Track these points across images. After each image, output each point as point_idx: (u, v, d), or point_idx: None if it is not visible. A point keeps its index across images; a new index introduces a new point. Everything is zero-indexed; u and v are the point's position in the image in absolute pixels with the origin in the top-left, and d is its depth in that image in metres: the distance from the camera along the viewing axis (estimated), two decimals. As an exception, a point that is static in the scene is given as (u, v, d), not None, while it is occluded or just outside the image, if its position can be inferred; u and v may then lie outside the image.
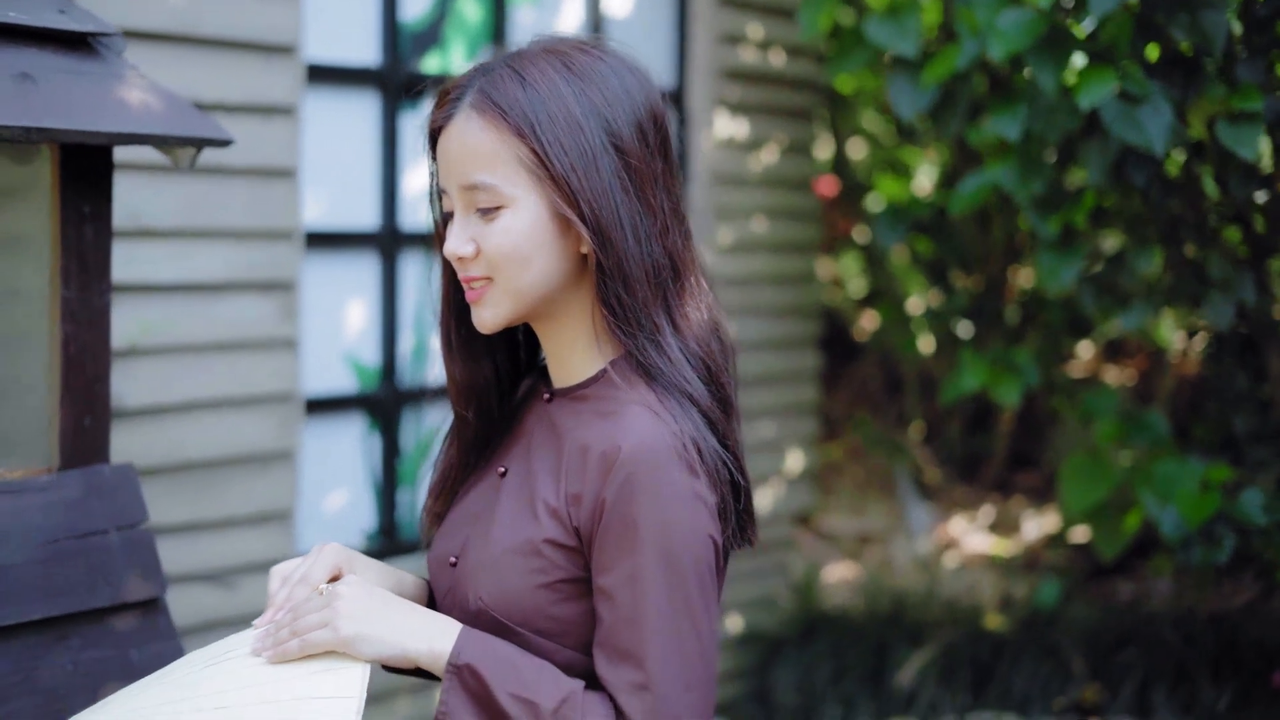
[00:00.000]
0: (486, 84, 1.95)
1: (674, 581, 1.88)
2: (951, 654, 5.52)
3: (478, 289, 1.97)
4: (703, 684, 1.91)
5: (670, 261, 1.98)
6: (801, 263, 6.38)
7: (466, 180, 1.94)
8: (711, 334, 2.02)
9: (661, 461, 1.87)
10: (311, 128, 4.59)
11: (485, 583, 1.98)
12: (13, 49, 2.54)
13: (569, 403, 2.02)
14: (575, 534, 1.93)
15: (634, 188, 1.94)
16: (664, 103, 2.04)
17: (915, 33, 4.79)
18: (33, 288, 2.74)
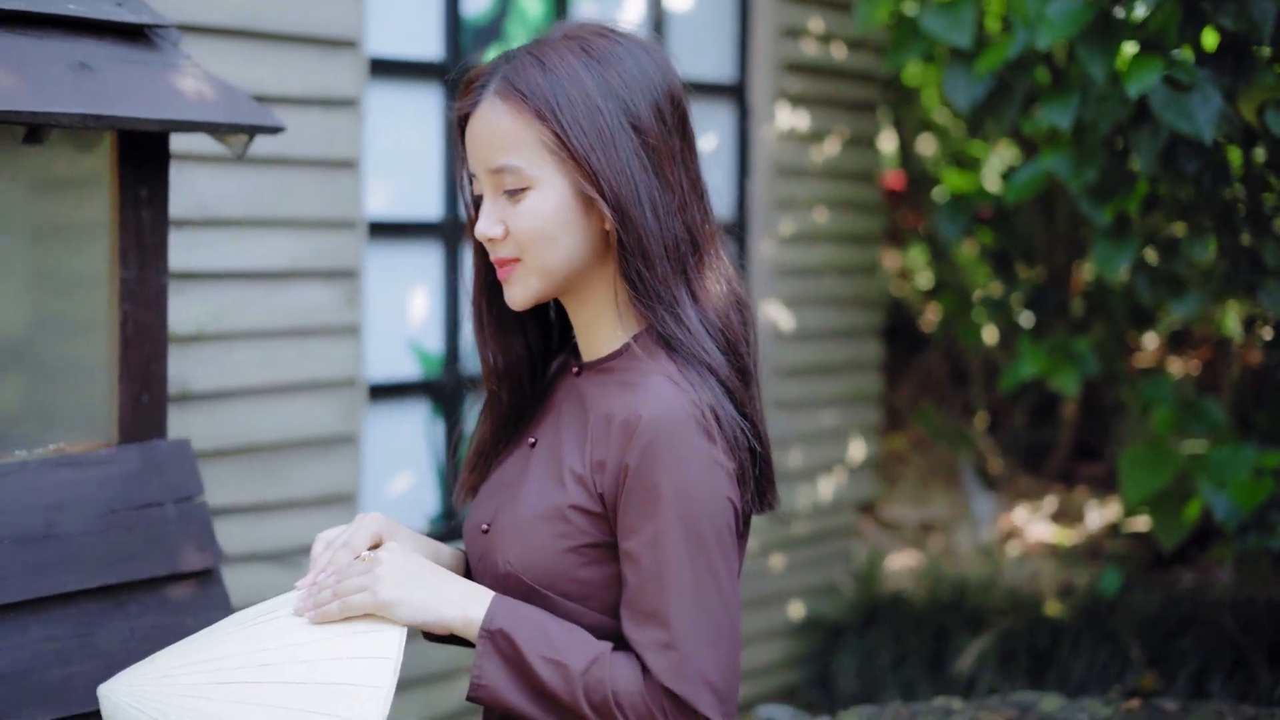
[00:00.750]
0: (509, 70, 2.03)
1: (695, 543, 1.94)
2: (1010, 640, 5.56)
3: (508, 268, 2.06)
4: (728, 641, 1.97)
5: (689, 236, 2.05)
6: (864, 253, 6.44)
7: (493, 163, 2.03)
8: (731, 305, 2.09)
9: (680, 428, 1.94)
10: (374, 120, 4.70)
11: (513, 547, 2.06)
12: (72, 40, 2.65)
13: (595, 375, 2.10)
14: (600, 500, 2.00)
15: (652, 165, 2.01)
16: (681, 83, 2.11)
17: (970, 23, 4.84)
18: (96, 273, 2.85)
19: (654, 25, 5.65)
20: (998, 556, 6.32)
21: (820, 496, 6.31)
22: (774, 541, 6.12)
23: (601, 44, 2.04)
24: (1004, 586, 6.01)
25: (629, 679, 1.96)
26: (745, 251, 6.05)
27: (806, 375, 6.23)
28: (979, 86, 4.84)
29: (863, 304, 6.45)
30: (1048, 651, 5.52)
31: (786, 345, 6.11)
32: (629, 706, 1.95)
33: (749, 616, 6.01)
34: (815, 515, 6.29)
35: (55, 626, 2.60)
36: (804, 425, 6.23)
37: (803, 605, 6.22)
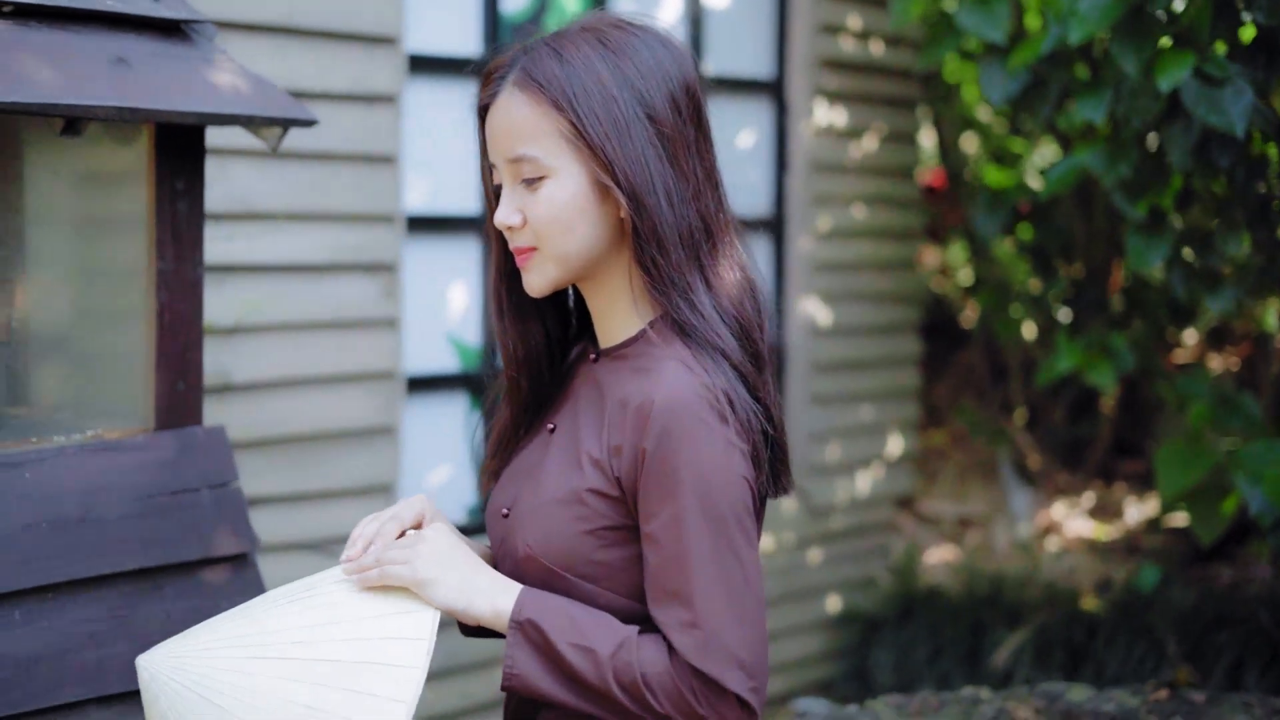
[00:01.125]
0: (527, 62, 2.08)
1: (714, 522, 1.97)
2: (1047, 635, 5.59)
3: (526, 256, 2.10)
4: (752, 617, 1.99)
5: (703, 224, 2.08)
6: (903, 249, 6.47)
7: (511, 153, 2.07)
8: (745, 292, 2.13)
9: (694, 411, 1.97)
10: (413, 116, 4.76)
11: (533, 530, 2.09)
12: (110, 35, 2.71)
13: (611, 362, 2.13)
14: (617, 484, 2.04)
15: (667, 154, 2.05)
16: (697, 75, 2.15)
17: (1004, 19, 4.86)
18: (135, 264, 2.91)
19: (692, 22, 5.69)
20: (1035, 552, 6.34)
21: (858, 491, 6.34)
22: (811, 535, 6.15)
23: (618, 35, 2.08)
24: (1041, 581, 6.03)
25: (656, 660, 1.99)
26: (783, 247, 6.08)
27: (844, 370, 6.26)
28: (1014, 82, 4.86)
29: (901, 300, 6.48)
30: (1084, 646, 5.54)
31: (824, 340, 6.14)
32: (658, 687, 1.98)
33: (785, 610, 6.05)
34: (853, 509, 6.32)
35: (92, 608, 2.66)
36: (842, 420, 6.26)
37: (840, 599, 6.25)
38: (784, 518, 6.05)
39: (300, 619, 2.11)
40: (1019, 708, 3.58)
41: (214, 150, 4.21)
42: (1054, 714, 3.57)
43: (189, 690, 2.08)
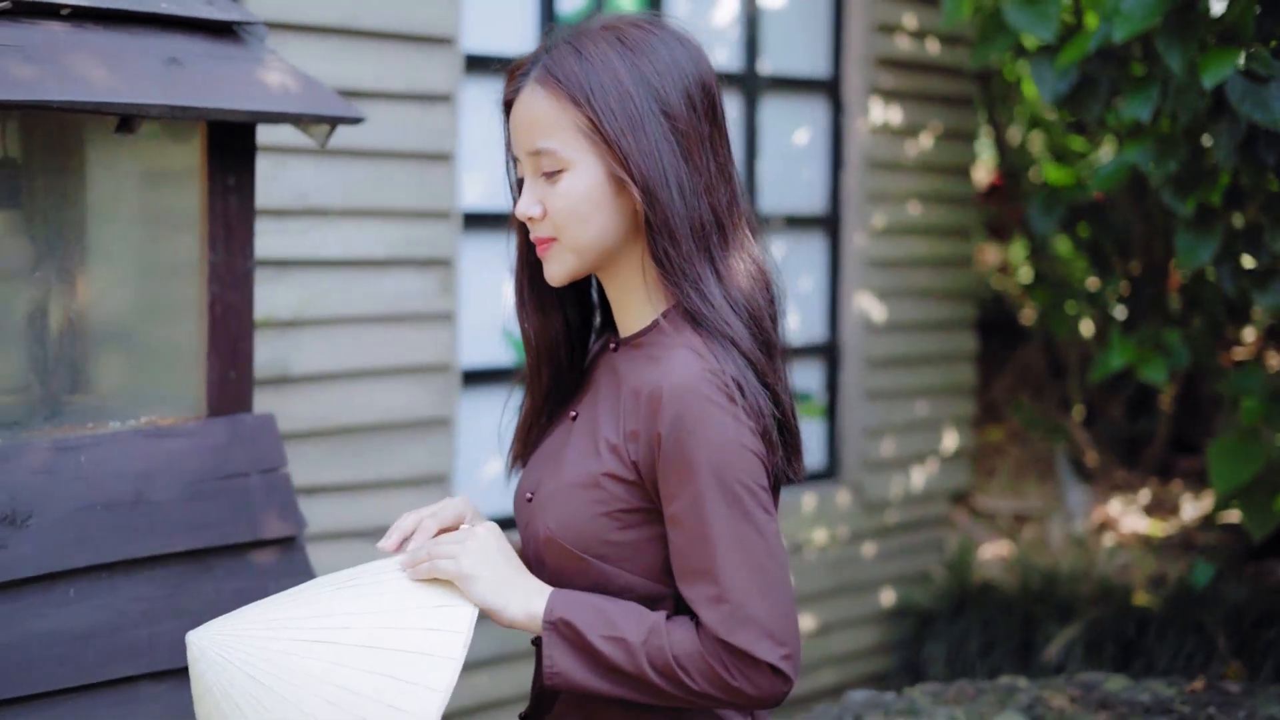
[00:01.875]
0: (548, 59, 2.16)
1: (731, 499, 2.04)
2: (1098, 629, 5.62)
3: (546, 247, 2.19)
4: (777, 587, 2.05)
5: (714, 217, 2.16)
6: (959, 247, 6.51)
7: (532, 146, 2.15)
8: (757, 283, 2.19)
9: (703, 394, 2.04)
10: (469, 114, 4.86)
11: (553, 513, 2.18)
12: (164, 36, 2.82)
13: (629, 351, 2.21)
14: (634, 468, 2.11)
15: (680, 149, 2.13)
16: (714, 74, 2.22)
17: (1053, 17, 4.90)
18: (189, 259, 3.01)
19: (748, 22, 5.76)
20: (1091, 547, 6.37)
21: (912, 486, 6.39)
22: (865, 530, 6.21)
23: (636, 34, 2.16)
24: (1095, 577, 6.06)
25: (686, 640, 2.06)
26: (838, 243, 6.14)
27: (899, 366, 6.31)
28: (1063, 80, 4.90)
29: (956, 297, 6.52)
30: (1135, 641, 5.56)
31: (879, 336, 6.20)
32: (692, 667, 2.05)
33: (839, 603, 6.11)
34: (907, 504, 6.37)
35: (143, 587, 2.76)
36: (897, 415, 6.32)
37: (894, 593, 6.30)
38: (839, 511, 6.11)
39: (346, 605, 2.20)
40: (1055, 696, 3.63)
41: (275, 148, 4.33)
42: (1090, 703, 3.62)
43: (235, 668, 2.18)
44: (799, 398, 6.01)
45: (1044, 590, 5.99)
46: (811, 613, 6.02)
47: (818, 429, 6.23)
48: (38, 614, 2.63)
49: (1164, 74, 4.51)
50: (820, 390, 6.22)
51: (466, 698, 4.89)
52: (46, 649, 2.63)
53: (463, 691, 4.89)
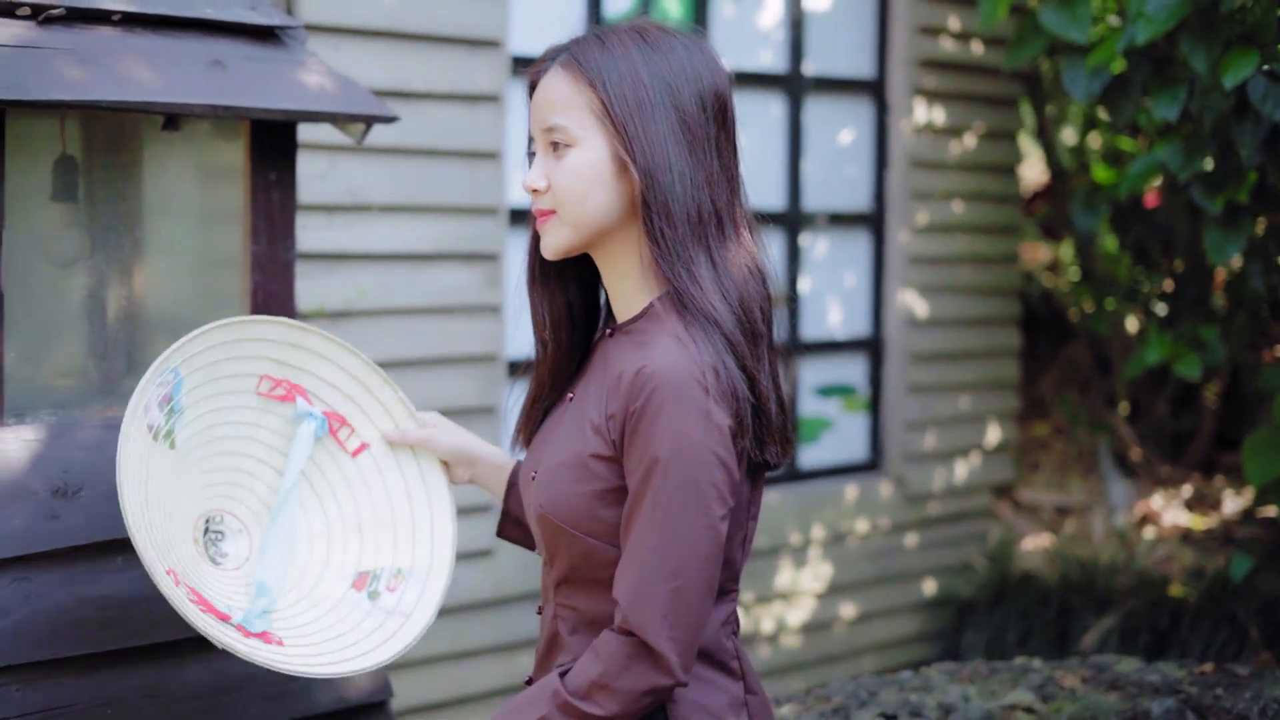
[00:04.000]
0: (574, 47, 2.31)
1: (676, 487, 2.12)
2: (1134, 620, 5.73)
3: (545, 219, 2.32)
4: (688, 577, 2.12)
5: (714, 210, 2.26)
6: (1002, 244, 6.63)
7: (545, 123, 2.29)
8: (752, 277, 2.29)
9: (679, 383, 2.13)
10: (516, 114, 5.03)
11: (545, 491, 2.29)
12: (208, 39, 2.99)
13: (622, 336, 2.31)
14: (613, 446, 2.21)
15: (686, 142, 2.25)
16: (729, 85, 2.34)
17: (1086, 18, 5.00)
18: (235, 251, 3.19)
19: (793, 24, 5.90)
20: (1131, 540, 6.46)
21: (955, 478, 6.51)
22: (907, 521, 6.34)
23: (659, 35, 2.31)
24: (1134, 569, 6.15)
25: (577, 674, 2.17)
26: (882, 241, 6.28)
27: (942, 361, 6.43)
28: (1096, 80, 5.01)
29: (1000, 293, 6.64)
30: (1169, 631, 5.67)
31: (922, 331, 6.32)
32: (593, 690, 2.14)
33: (881, 592, 6.24)
34: (949, 496, 6.50)
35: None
36: (939, 409, 6.44)
37: (935, 583, 6.43)
38: (881, 503, 6.24)
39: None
40: (1066, 676, 3.75)
41: (326, 146, 4.51)
42: (1100, 683, 3.74)
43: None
44: (842, 391, 6.18)
45: (1082, 581, 6.09)
46: (853, 601, 6.16)
47: (861, 422, 6.37)
48: (88, 580, 2.81)
49: (1190, 74, 4.62)
50: (864, 384, 6.35)
51: (507, 678, 5.06)
52: (96, 612, 2.80)
53: (503, 672, 5.05)
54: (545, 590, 2.39)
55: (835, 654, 6.14)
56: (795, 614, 5.98)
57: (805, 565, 5.99)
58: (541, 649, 2.40)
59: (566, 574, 2.29)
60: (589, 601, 2.28)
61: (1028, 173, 7.12)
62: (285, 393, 2.69)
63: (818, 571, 6.04)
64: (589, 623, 2.29)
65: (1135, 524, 6.66)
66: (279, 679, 2.99)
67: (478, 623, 4.97)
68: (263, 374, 2.67)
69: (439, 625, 4.84)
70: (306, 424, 2.69)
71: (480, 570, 4.93)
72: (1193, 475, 7.02)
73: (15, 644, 2.71)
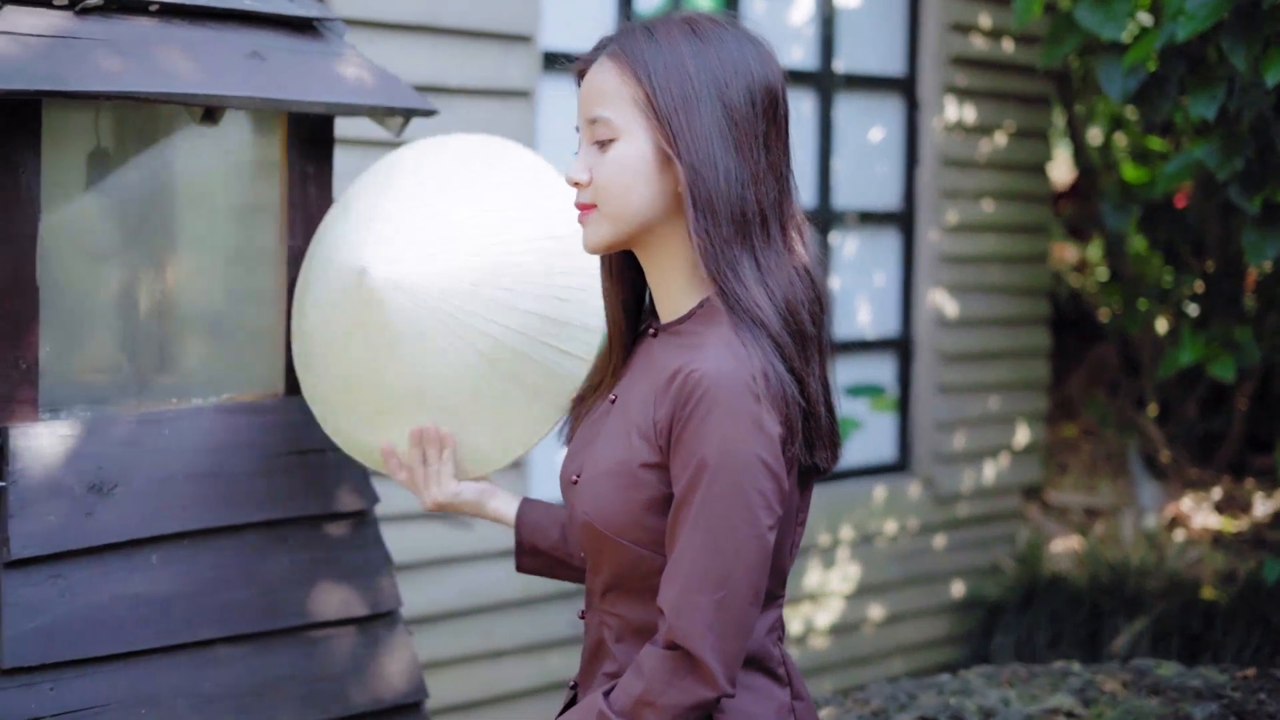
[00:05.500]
0: (622, 38, 2.25)
1: (718, 491, 2.07)
2: (1165, 623, 5.68)
3: (586, 213, 2.26)
4: (734, 587, 2.08)
5: (759, 209, 2.19)
6: (1032, 244, 6.58)
7: (590, 114, 2.23)
8: (800, 278, 2.22)
9: (728, 386, 2.08)
10: (548, 110, 4.99)
11: (589, 499, 2.24)
12: (246, 31, 2.96)
13: (668, 337, 2.26)
14: (660, 452, 2.16)
15: (732, 139, 2.19)
16: (781, 81, 2.28)
17: (1123, 16, 4.96)
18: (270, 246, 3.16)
19: (824, 21, 5.86)
20: (1161, 543, 6.41)
21: (984, 479, 6.46)
22: (936, 522, 6.30)
23: (709, 27, 2.25)
24: (1164, 572, 6.11)
25: (620, 694, 2.13)
26: (912, 240, 6.23)
27: (971, 361, 6.39)
28: (1132, 79, 4.97)
29: (1029, 293, 6.59)
30: (1201, 634, 5.62)
31: (951, 331, 6.28)
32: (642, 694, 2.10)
33: (909, 593, 6.20)
34: (978, 497, 6.45)
35: (221, 555, 2.90)
36: (969, 410, 6.40)
37: (963, 584, 6.38)
38: (909, 503, 6.20)
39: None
40: (1107, 681, 3.71)
41: (360, 141, 4.47)
42: (1141, 688, 3.70)
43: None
44: (871, 391, 6.13)
45: (1113, 584, 6.05)
46: (881, 603, 6.11)
47: (889, 422, 6.32)
48: (123, 578, 2.78)
49: (1230, 72, 4.57)
50: (893, 384, 6.31)
51: (538, 677, 5.02)
52: (131, 610, 2.77)
53: (534, 671, 5.02)
54: (589, 596, 2.34)
55: (864, 655, 6.10)
56: (824, 615, 5.93)
57: (834, 566, 5.95)
58: (586, 655, 2.35)
59: (612, 582, 2.25)
60: (635, 609, 2.24)
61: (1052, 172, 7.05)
62: None
63: (846, 573, 6.00)
64: (635, 630, 2.24)
65: (1165, 526, 6.61)
66: (314, 679, 2.96)
67: (507, 622, 4.93)
68: None
69: (469, 625, 4.84)
70: None
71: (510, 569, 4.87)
72: (1223, 477, 6.97)
73: (50, 642, 2.68)
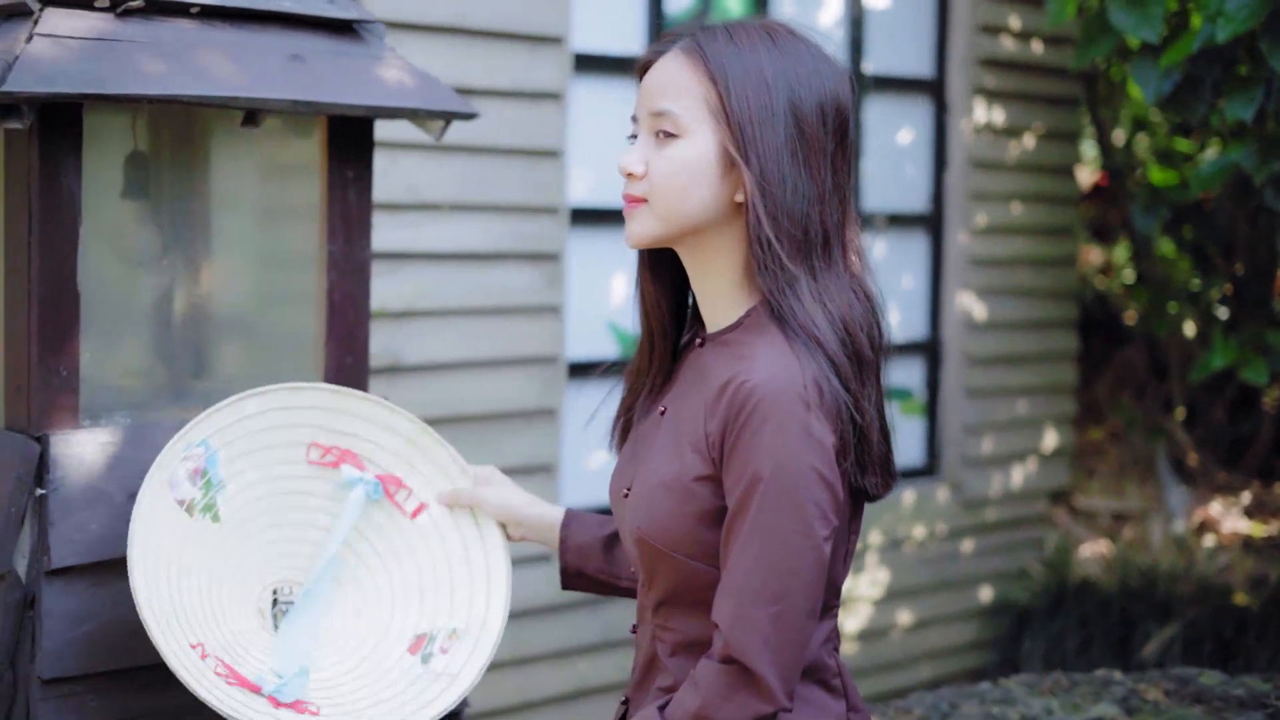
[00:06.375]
0: (700, 35, 2.19)
1: (772, 502, 2.02)
2: (1197, 628, 5.64)
3: (634, 206, 2.21)
4: (790, 600, 2.03)
5: (822, 230, 2.14)
6: (1061, 246, 6.54)
7: (655, 106, 2.17)
8: (858, 299, 2.17)
9: (781, 396, 2.03)
10: (578, 112, 4.96)
11: (642, 513, 2.18)
12: (286, 33, 2.92)
13: (716, 347, 2.21)
14: (714, 464, 2.11)
15: (802, 154, 2.13)
16: (852, 103, 2.23)
17: (1159, 18, 4.92)
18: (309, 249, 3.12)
19: (853, 23, 5.82)
20: (1191, 548, 6.37)
21: (1012, 484, 6.42)
22: (964, 526, 6.26)
23: (788, 38, 2.19)
24: (1194, 577, 6.07)
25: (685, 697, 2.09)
26: (941, 242, 6.20)
27: (999, 364, 6.35)
28: (1167, 80, 4.92)
29: (1058, 296, 6.55)
30: (1234, 640, 5.58)
31: (979, 334, 6.24)
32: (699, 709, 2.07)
33: (937, 598, 6.16)
34: (1006, 502, 6.41)
35: (264, 563, 2.88)
36: (997, 413, 6.36)
37: (992, 589, 6.34)
38: (938, 508, 6.16)
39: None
40: (1149, 690, 3.67)
41: (387, 143, 4.44)
42: (1184, 696, 3.66)
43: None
44: (898, 394, 6.09)
45: (1142, 589, 6.00)
46: (909, 608, 6.07)
47: (918, 426, 6.28)
48: (164, 586, 2.75)
49: (1267, 74, 4.53)
50: (921, 388, 6.27)
51: (568, 684, 4.99)
52: (171, 620, 2.74)
53: (564, 678, 4.99)
54: (642, 610, 2.30)
55: (892, 661, 6.07)
56: (852, 620, 5.90)
57: (862, 571, 5.91)
58: (639, 669, 2.31)
59: (666, 596, 2.21)
60: (689, 623, 2.20)
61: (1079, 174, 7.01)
62: (336, 459, 2.67)
63: (875, 577, 5.96)
64: (689, 645, 2.20)
65: (1194, 531, 6.57)
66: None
67: (538, 628, 4.90)
68: (311, 441, 2.66)
69: (500, 631, 4.81)
70: (356, 490, 2.66)
71: (541, 575, 4.85)
72: (1252, 481, 6.92)
73: (91, 653, 2.65)
